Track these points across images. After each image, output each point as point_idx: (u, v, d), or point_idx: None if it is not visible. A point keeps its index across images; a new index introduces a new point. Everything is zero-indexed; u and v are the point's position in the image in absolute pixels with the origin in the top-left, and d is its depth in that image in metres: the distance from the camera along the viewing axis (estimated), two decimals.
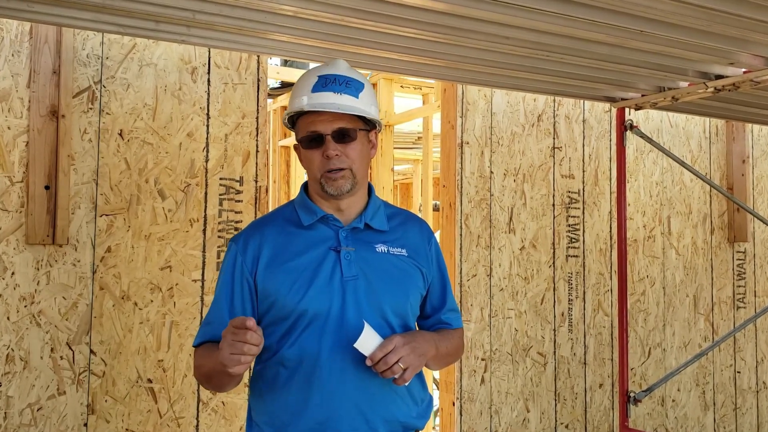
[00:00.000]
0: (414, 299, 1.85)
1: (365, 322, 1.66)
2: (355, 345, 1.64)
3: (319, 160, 1.76)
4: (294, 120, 1.84)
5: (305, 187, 1.89)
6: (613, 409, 4.25)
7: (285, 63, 5.49)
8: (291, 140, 5.83)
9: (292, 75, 5.39)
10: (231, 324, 1.58)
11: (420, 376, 1.86)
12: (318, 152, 1.76)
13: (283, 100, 5.79)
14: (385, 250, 1.82)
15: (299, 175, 5.96)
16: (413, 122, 5.90)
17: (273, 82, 5.55)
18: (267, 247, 1.78)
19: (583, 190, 4.19)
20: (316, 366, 1.71)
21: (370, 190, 1.90)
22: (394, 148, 5.47)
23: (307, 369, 1.72)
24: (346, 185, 1.77)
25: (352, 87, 1.77)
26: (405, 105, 5.80)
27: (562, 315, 4.08)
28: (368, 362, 1.64)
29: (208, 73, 3.11)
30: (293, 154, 5.92)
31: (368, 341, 1.64)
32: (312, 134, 1.76)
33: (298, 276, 1.74)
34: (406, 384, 1.69)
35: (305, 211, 1.83)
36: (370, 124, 1.83)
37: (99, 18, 2.30)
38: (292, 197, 6.12)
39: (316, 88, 1.75)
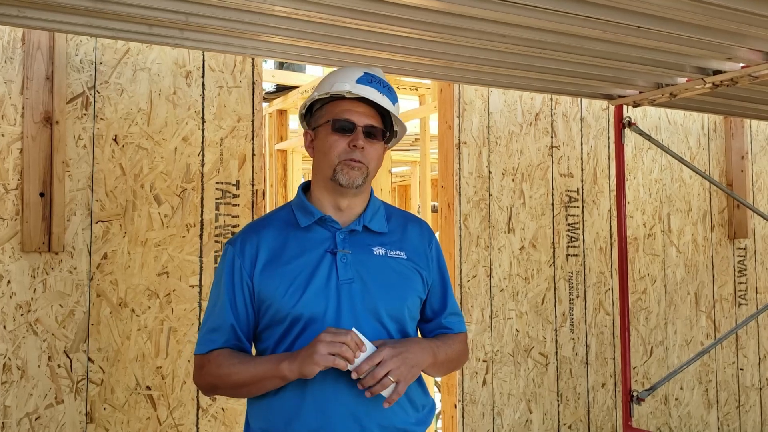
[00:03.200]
0: (412, 303, 1.81)
1: (354, 330, 1.62)
2: None
3: (343, 147, 1.74)
4: (312, 107, 1.84)
5: (303, 188, 1.86)
6: (616, 408, 4.23)
7: (281, 66, 5.47)
8: (288, 144, 5.81)
9: (288, 78, 5.38)
10: (328, 330, 1.61)
11: (420, 381, 1.82)
12: (344, 139, 1.75)
13: (280, 103, 5.77)
14: (383, 252, 1.79)
15: (296, 179, 5.94)
16: (410, 124, 5.88)
17: (268, 86, 5.53)
18: (264, 250, 1.76)
19: (582, 189, 4.18)
20: None
21: (370, 191, 1.88)
22: (391, 149, 5.45)
23: None
24: (359, 179, 1.75)
25: (392, 95, 1.82)
26: (401, 106, 5.78)
27: (563, 315, 4.06)
28: (354, 375, 1.60)
29: (203, 76, 3.09)
30: (290, 158, 5.89)
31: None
32: (345, 121, 1.75)
33: (294, 279, 1.71)
34: (399, 397, 1.64)
35: (303, 212, 1.80)
36: (387, 135, 1.86)
37: (91, 23, 2.28)
38: (290, 200, 6.08)
39: (362, 81, 1.77)
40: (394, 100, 1.82)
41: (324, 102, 1.81)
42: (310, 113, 1.87)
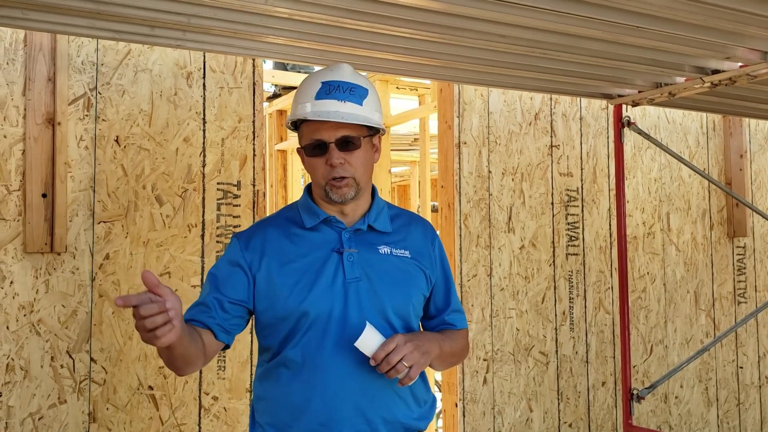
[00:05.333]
0: (417, 301, 1.84)
1: (367, 322, 1.65)
2: (355, 344, 1.63)
3: (323, 167, 1.75)
4: (296, 124, 1.83)
5: (309, 188, 1.88)
6: (616, 407, 4.24)
7: (284, 67, 5.47)
8: (287, 144, 5.82)
9: (287, 78, 5.39)
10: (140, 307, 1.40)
11: (423, 377, 1.85)
12: (322, 160, 1.75)
13: (279, 103, 5.79)
14: (388, 251, 1.81)
15: (296, 179, 5.96)
16: (409, 124, 5.90)
17: (268, 86, 5.54)
18: (269, 248, 1.78)
19: (582, 188, 4.19)
20: (318, 367, 1.70)
21: (373, 191, 1.89)
22: (391, 150, 5.47)
23: (308, 370, 1.71)
24: (350, 193, 1.76)
25: (356, 94, 1.76)
26: (401, 106, 5.80)
27: (564, 314, 4.08)
28: (372, 362, 1.63)
29: (204, 77, 3.10)
30: (290, 158, 5.91)
31: (370, 341, 1.63)
32: (316, 142, 1.74)
33: (301, 278, 1.73)
34: (413, 382, 1.67)
35: (308, 213, 1.82)
36: (373, 129, 1.82)
37: (94, 24, 2.29)
38: (290, 201, 6.10)
39: (320, 95, 1.73)
40: (360, 98, 1.75)
41: (300, 121, 1.79)
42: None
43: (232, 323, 1.77)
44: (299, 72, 5.33)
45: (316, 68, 5.43)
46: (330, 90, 1.74)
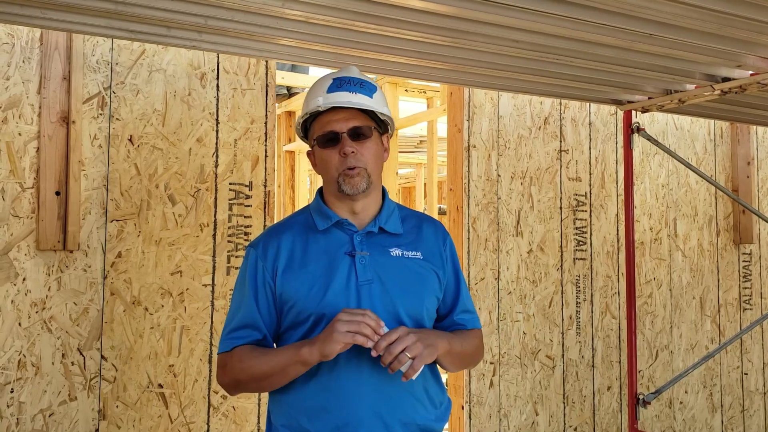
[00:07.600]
0: (429, 302, 1.85)
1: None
2: None
3: (336, 158, 1.78)
4: (307, 127, 1.86)
5: (321, 192, 1.90)
6: (621, 411, 4.25)
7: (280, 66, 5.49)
8: (296, 145, 5.85)
9: (295, 80, 5.41)
10: (345, 310, 1.65)
11: (437, 378, 1.86)
12: (335, 151, 1.78)
13: (287, 105, 5.81)
14: (400, 253, 1.82)
15: (304, 180, 5.98)
16: (417, 126, 5.91)
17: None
18: (284, 253, 1.80)
19: (590, 193, 4.20)
20: (334, 370, 1.71)
21: (384, 193, 1.91)
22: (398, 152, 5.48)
23: (324, 373, 1.72)
24: (362, 184, 1.78)
25: (366, 88, 1.81)
26: (409, 109, 5.82)
27: (570, 318, 4.09)
28: (373, 353, 1.64)
29: (217, 78, 3.13)
30: (298, 159, 5.94)
31: None
32: (328, 133, 1.78)
33: (315, 281, 1.75)
34: (416, 375, 1.65)
35: (320, 216, 1.84)
36: (382, 128, 1.86)
37: (111, 24, 2.31)
38: (297, 202, 6.10)
39: (332, 89, 1.79)
40: (370, 91, 1.81)
41: (311, 120, 1.85)
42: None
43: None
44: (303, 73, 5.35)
45: (311, 68, 5.44)
46: (341, 84, 1.80)
